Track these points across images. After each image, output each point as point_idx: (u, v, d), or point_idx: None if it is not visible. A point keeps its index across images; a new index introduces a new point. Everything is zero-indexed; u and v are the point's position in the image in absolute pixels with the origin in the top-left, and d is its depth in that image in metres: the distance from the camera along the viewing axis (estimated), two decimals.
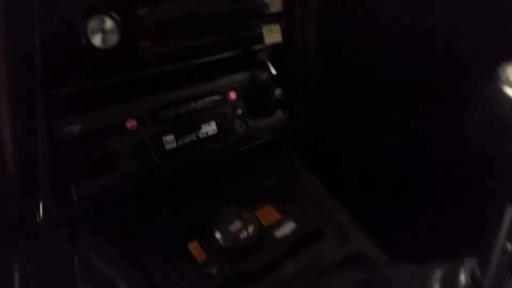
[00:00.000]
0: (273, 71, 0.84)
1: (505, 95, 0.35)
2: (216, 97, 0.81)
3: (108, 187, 0.69)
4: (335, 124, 0.95)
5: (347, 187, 0.88)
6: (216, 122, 0.80)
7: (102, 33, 0.60)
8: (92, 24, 0.58)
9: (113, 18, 0.59)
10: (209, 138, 0.80)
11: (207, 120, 0.80)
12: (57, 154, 0.65)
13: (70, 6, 0.58)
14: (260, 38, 0.80)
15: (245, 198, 0.81)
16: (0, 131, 0.61)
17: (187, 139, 0.77)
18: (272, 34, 0.77)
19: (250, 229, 0.71)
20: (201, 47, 0.75)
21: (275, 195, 0.83)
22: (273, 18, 0.77)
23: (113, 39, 0.60)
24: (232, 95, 0.82)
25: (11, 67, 0.58)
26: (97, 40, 0.59)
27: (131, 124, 0.71)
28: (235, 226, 0.71)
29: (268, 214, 0.78)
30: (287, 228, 0.76)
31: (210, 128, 0.80)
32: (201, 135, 0.79)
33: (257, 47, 0.81)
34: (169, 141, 0.76)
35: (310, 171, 0.90)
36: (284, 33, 0.78)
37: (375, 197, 0.89)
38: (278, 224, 0.76)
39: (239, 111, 0.83)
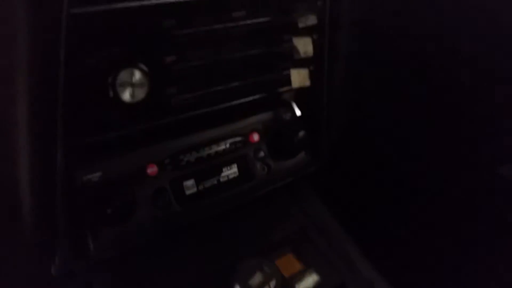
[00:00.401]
0: (298, 112, 0.82)
1: None
2: (238, 139, 0.78)
3: (125, 236, 0.67)
4: (356, 165, 0.92)
5: (370, 233, 0.85)
6: (237, 165, 0.78)
7: (131, 87, 0.57)
8: (121, 77, 0.56)
9: (142, 71, 0.56)
10: (230, 181, 0.77)
11: (228, 163, 0.77)
12: (75, 203, 0.63)
13: (98, 55, 0.56)
14: (287, 81, 0.77)
15: (265, 245, 0.78)
16: (18, 180, 0.58)
17: (207, 184, 0.75)
18: (301, 78, 0.74)
19: (272, 283, 0.68)
20: (227, 91, 0.73)
21: (297, 243, 0.80)
22: (301, 62, 0.73)
23: (142, 92, 0.58)
24: (255, 137, 0.80)
25: (32, 115, 0.56)
26: (125, 95, 0.57)
27: (151, 169, 0.69)
28: (256, 279, 0.68)
29: (289, 264, 0.75)
30: (310, 280, 0.73)
31: (231, 171, 0.77)
32: (222, 179, 0.76)
33: (283, 89, 0.79)
34: (190, 186, 0.73)
35: (331, 215, 0.86)
36: (311, 76, 0.75)
37: (399, 246, 0.85)
38: (300, 275, 0.73)
39: (261, 154, 0.80)
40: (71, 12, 0.52)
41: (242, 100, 0.75)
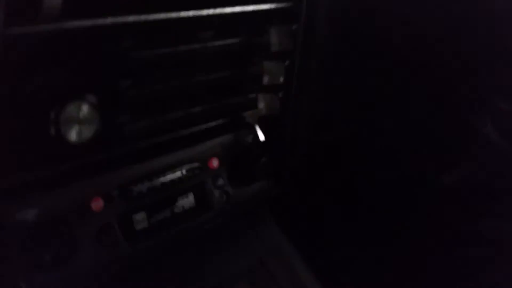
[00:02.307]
0: (261, 137, 0.75)
1: None
2: (195, 165, 0.71)
3: (66, 283, 0.58)
4: (316, 190, 0.88)
5: (330, 261, 0.82)
6: (194, 194, 0.71)
7: (78, 124, 0.48)
8: (66, 113, 0.46)
9: (91, 104, 0.47)
10: (186, 212, 0.70)
11: (184, 192, 0.70)
12: (7, 245, 0.53)
13: (39, 83, 0.46)
14: (252, 104, 0.70)
15: (222, 278, 0.72)
16: None
17: (160, 216, 0.67)
18: (270, 105, 0.67)
19: None
20: (187, 117, 0.65)
21: (254, 274, 0.75)
22: (270, 88, 0.67)
23: (90, 130, 0.49)
24: (214, 163, 0.73)
25: None
26: (71, 135, 0.47)
27: (96, 204, 0.60)
28: None
29: None
30: None
31: (187, 201, 0.70)
32: (176, 210, 0.69)
33: (248, 113, 0.72)
34: (140, 220, 0.65)
35: (289, 243, 0.82)
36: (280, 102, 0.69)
37: (362, 274, 0.83)
38: None
39: (221, 181, 0.74)
40: (8, 32, 0.43)
41: (203, 126, 0.67)
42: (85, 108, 0.48)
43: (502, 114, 0.67)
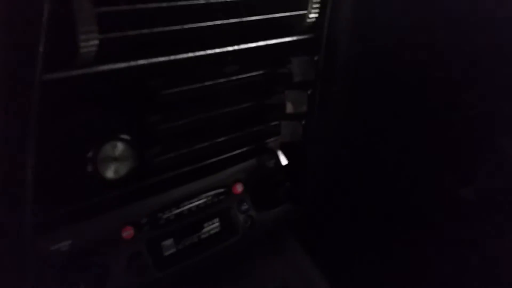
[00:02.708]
0: (284, 161, 0.77)
1: None
2: (220, 191, 0.72)
3: None
4: (338, 211, 0.89)
5: (351, 279, 0.83)
6: (220, 219, 0.72)
7: (114, 161, 0.50)
8: (103, 152, 0.49)
9: (126, 142, 0.50)
10: (212, 237, 0.72)
11: (210, 218, 0.72)
12: (42, 276, 0.56)
13: (76, 125, 0.48)
14: (275, 132, 0.72)
15: None
16: None
17: (187, 241, 0.69)
18: (292, 132, 0.69)
19: None
20: (213, 146, 0.67)
21: None
22: (292, 115, 0.69)
23: (126, 167, 0.51)
24: (238, 188, 0.74)
25: None
26: (108, 172, 0.50)
27: (127, 233, 0.62)
28: None
29: None
30: None
31: (213, 226, 0.72)
32: (203, 235, 0.71)
33: (271, 140, 0.74)
34: (168, 245, 0.67)
35: (314, 265, 0.83)
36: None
37: None
38: None
39: (245, 205, 0.75)
40: (45, 78, 0.45)
41: (228, 154, 0.69)
42: (120, 147, 0.51)
43: None
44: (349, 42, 0.72)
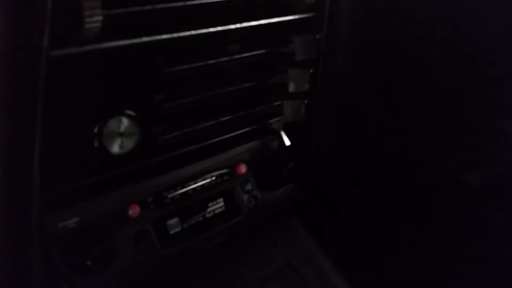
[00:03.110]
0: (287, 142, 0.78)
1: None
2: (224, 171, 0.73)
3: (107, 285, 0.61)
4: (342, 192, 0.89)
5: (358, 263, 0.83)
6: (224, 199, 0.73)
7: (119, 137, 0.51)
8: (109, 127, 0.50)
9: (131, 117, 0.51)
10: (216, 217, 0.73)
11: (214, 198, 0.73)
12: (50, 253, 0.57)
13: (82, 100, 0.49)
14: (278, 112, 0.72)
15: (252, 281, 0.74)
16: None
17: (192, 221, 0.70)
18: (294, 111, 0.70)
19: None
20: (216, 126, 0.67)
21: (283, 276, 0.77)
22: (296, 95, 0.69)
23: (131, 142, 0.52)
24: (242, 168, 0.75)
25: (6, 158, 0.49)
26: (114, 147, 0.51)
27: (133, 211, 0.63)
28: None
29: None
30: None
31: (217, 206, 0.73)
32: (207, 215, 0.72)
33: (274, 120, 0.74)
34: (174, 224, 0.68)
35: (317, 245, 0.84)
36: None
37: (389, 275, 0.84)
38: None
39: (249, 186, 0.76)
40: (51, 54, 0.46)
41: (232, 134, 0.70)
42: (125, 122, 0.52)
43: None
44: (350, 20, 0.73)
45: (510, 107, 0.70)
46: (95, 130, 0.50)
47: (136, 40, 0.51)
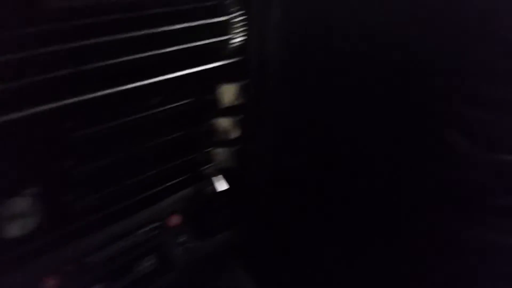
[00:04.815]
0: (220, 187, 0.74)
1: None
2: (154, 225, 0.68)
3: None
4: (283, 235, 0.87)
5: None
6: (156, 256, 0.68)
7: (19, 219, 0.45)
8: (6, 209, 0.44)
9: (32, 197, 0.45)
10: (146, 276, 0.67)
11: (144, 256, 0.67)
12: None
13: None
14: (208, 160, 0.68)
15: None
16: None
17: (120, 285, 0.64)
18: (226, 157, 0.66)
19: None
20: (141, 182, 0.62)
21: None
22: (224, 143, 0.66)
23: (33, 222, 0.46)
24: (174, 220, 0.70)
25: None
26: (12, 230, 0.44)
27: (50, 283, 0.57)
28: None
29: None
30: None
31: (147, 264, 0.67)
32: (135, 276, 0.66)
33: (206, 167, 0.70)
34: None
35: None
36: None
37: None
38: None
39: (182, 237, 0.71)
40: None
41: (160, 187, 0.65)
42: (23, 203, 0.46)
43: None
44: (278, 61, 0.69)
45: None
46: None
47: (39, 109, 0.45)
